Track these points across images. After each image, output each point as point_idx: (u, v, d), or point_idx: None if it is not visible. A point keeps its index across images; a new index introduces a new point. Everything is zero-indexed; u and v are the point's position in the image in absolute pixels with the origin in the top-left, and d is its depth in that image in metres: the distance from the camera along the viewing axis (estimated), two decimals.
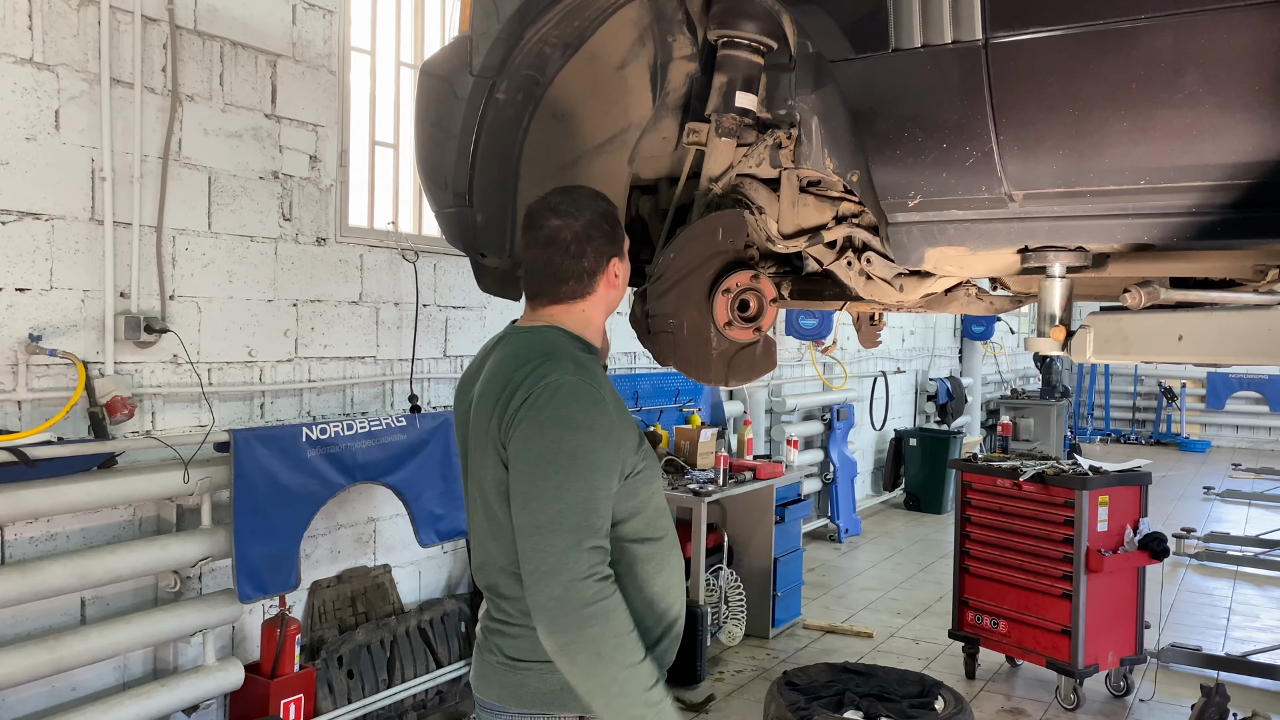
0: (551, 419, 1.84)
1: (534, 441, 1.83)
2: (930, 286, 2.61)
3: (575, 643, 1.75)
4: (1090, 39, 1.69)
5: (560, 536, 1.77)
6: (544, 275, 2.01)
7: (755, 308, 2.50)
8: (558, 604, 1.75)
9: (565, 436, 1.82)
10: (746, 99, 2.43)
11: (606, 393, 1.92)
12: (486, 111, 2.52)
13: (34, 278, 3.41)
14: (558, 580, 1.75)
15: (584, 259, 1.99)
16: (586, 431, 1.83)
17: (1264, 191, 1.63)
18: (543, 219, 1.99)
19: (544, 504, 1.79)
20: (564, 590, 1.75)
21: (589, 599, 1.74)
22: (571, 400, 1.85)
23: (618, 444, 1.88)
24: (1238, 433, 16.02)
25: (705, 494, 5.43)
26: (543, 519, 1.79)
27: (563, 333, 2.01)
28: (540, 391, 1.86)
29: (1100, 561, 4.81)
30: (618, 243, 2.05)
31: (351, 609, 4.57)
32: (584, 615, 1.74)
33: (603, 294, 2.04)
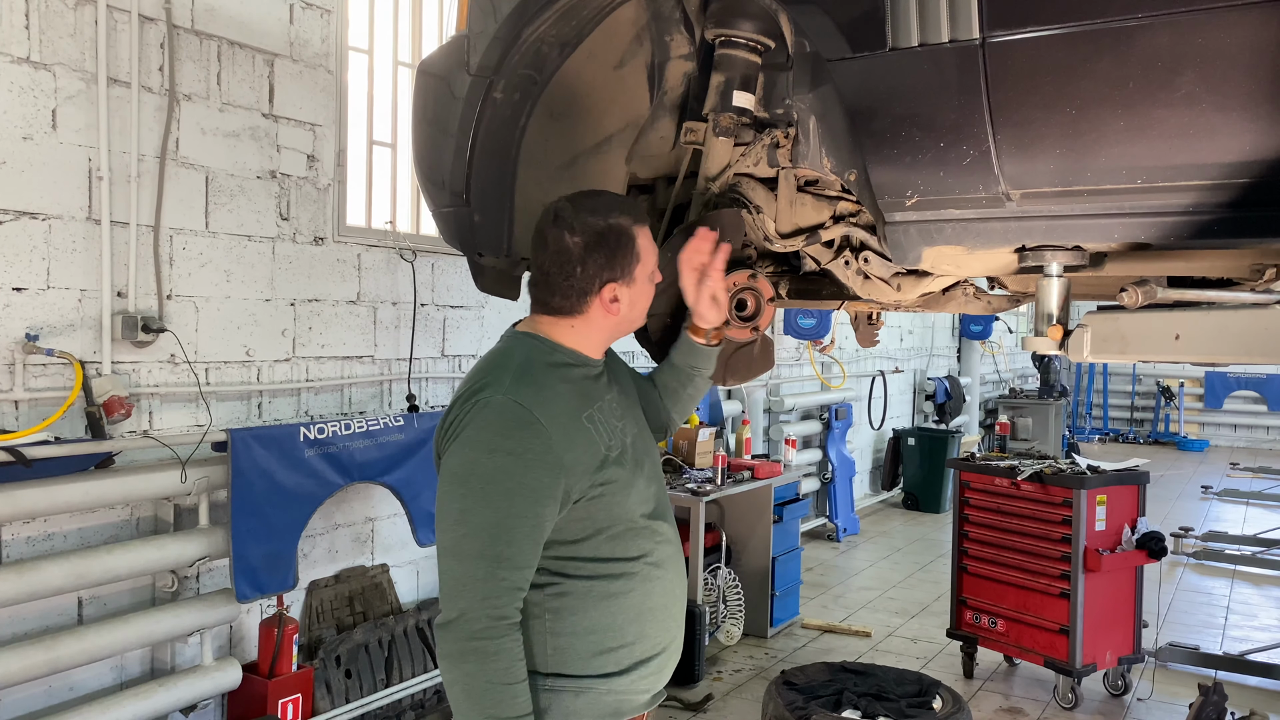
0: (469, 439, 1.76)
1: (451, 461, 1.77)
2: (928, 286, 2.61)
3: (450, 674, 1.71)
4: (1087, 38, 1.69)
5: (460, 563, 1.70)
6: (537, 281, 1.95)
7: (753, 307, 2.49)
8: (444, 630, 1.70)
9: (480, 460, 1.74)
10: (744, 98, 2.42)
11: (552, 412, 1.80)
12: (484, 111, 2.52)
13: (31, 277, 3.41)
14: (452, 606, 1.70)
15: (573, 278, 1.89)
16: (505, 455, 1.73)
17: (1261, 190, 1.63)
18: (546, 223, 1.91)
19: (448, 527, 1.73)
20: (455, 617, 1.69)
21: (475, 633, 1.68)
22: (493, 420, 1.76)
23: (553, 469, 1.76)
24: (1236, 432, 16.04)
25: (703, 493, 5.43)
26: (447, 542, 1.73)
27: (536, 342, 1.93)
28: (468, 409, 1.79)
29: (1098, 561, 4.81)
30: (619, 266, 1.91)
31: (349, 609, 4.57)
32: (464, 648, 1.68)
33: (598, 317, 1.93)
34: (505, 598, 1.71)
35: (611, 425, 1.93)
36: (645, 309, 2.04)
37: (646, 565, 1.92)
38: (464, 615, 1.68)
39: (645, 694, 1.95)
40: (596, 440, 1.87)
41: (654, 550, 1.94)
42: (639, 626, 1.90)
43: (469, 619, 1.68)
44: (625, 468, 1.90)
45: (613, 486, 1.87)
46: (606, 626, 1.87)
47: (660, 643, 1.96)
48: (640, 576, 1.91)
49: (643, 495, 1.94)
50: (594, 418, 1.89)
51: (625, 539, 1.90)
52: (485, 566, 1.70)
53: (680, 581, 2.02)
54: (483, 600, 1.69)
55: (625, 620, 1.88)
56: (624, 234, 1.92)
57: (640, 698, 1.94)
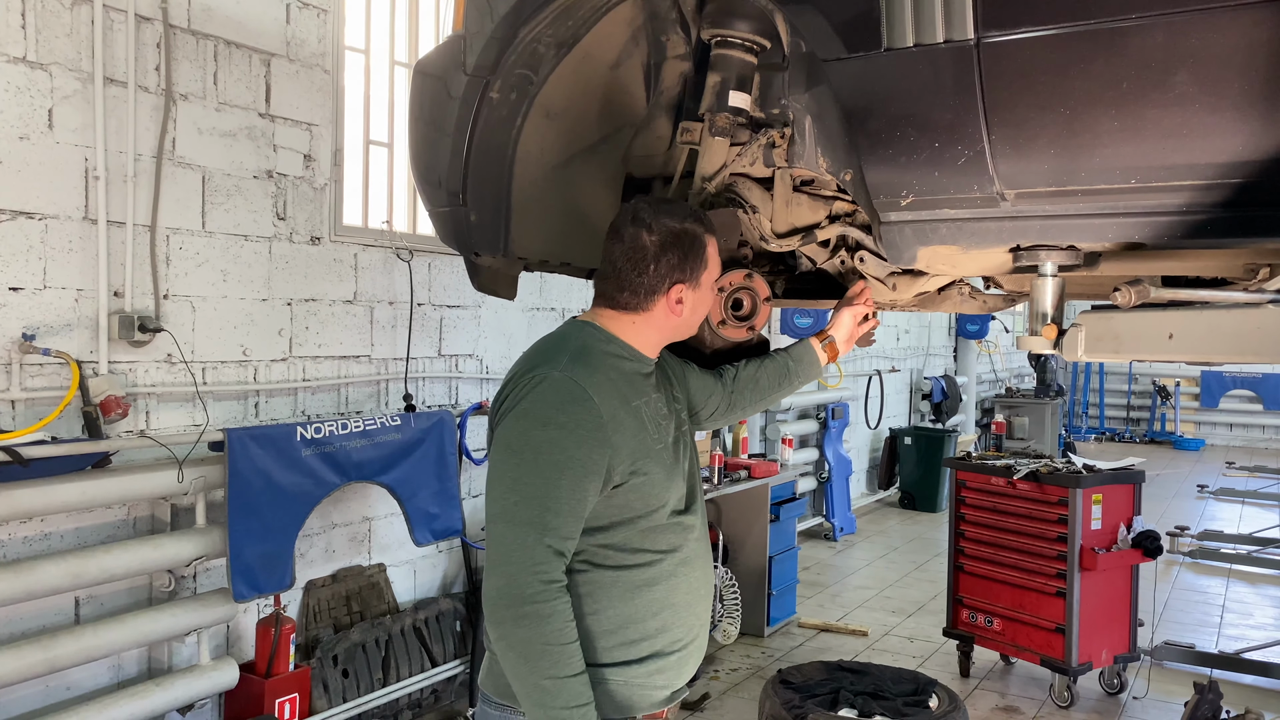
0: (525, 411, 1.83)
1: (506, 432, 1.85)
2: (923, 285, 2.62)
3: (505, 639, 1.75)
4: (1081, 38, 1.69)
5: (511, 529, 1.76)
6: (607, 276, 2.02)
7: (749, 306, 2.50)
8: (497, 596, 1.75)
9: (534, 430, 1.81)
10: (740, 98, 2.43)
11: (604, 393, 1.87)
12: (480, 110, 2.52)
13: (27, 277, 3.41)
14: (502, 571, 1.75)
15: (645, 275, 1.96)
16: (557, 429, 1.80)
17: (1254, 190, 1.64)
18: (623, 222, 1.99)
19: (501, 493, 1.79)
20: (505, 583, 1.74)
21: (527, 598, 1.72)
22: (549, 394, 1.83)
23: (602, 446, 1.83)
24: (1232, 431, 16.07)
25: None
26: (497, 509, 1.79)
27: (596, 330, 2.00)
28: (525, 384, 1.86)
29: (1094, 560, 4.83)
30: (689, 269, 1.99)
31: (346, 608, 4.57)
32: (519, 613, 1.73)
33: (661, 315, 2.00)
34: (553, 563, 1.76)
35: (658, 420, 2.00)
36: (703, 316, 2.12)
37: (675, 561, 1.97)
38: (514, 581, 1.73)
39: (663, 690, 1.98)
40: (644, 428, 1.94)
41: (684, 546, 2.00)
42: (661, 620, 1.94)
43: (520, 584, 1.73)
44: (664, 463, 1.96)
45: (649, 478, 1.92)
46: (629, 617, 1.91)
47: (681, 639, 1.99)
48: (668, 571, 1.95)
49: (679, 492, 2.00)
50: (641, 409, 1.96)
51: (656, 533, 1.95)
52: (534, 534, 1.75)
53: (707, 580, 2.07)
54: (532, 565, 1.73)
55: (649, 613, 1.93)
56: (697, 239, 2.00)
57: (657, 694, 1.97)
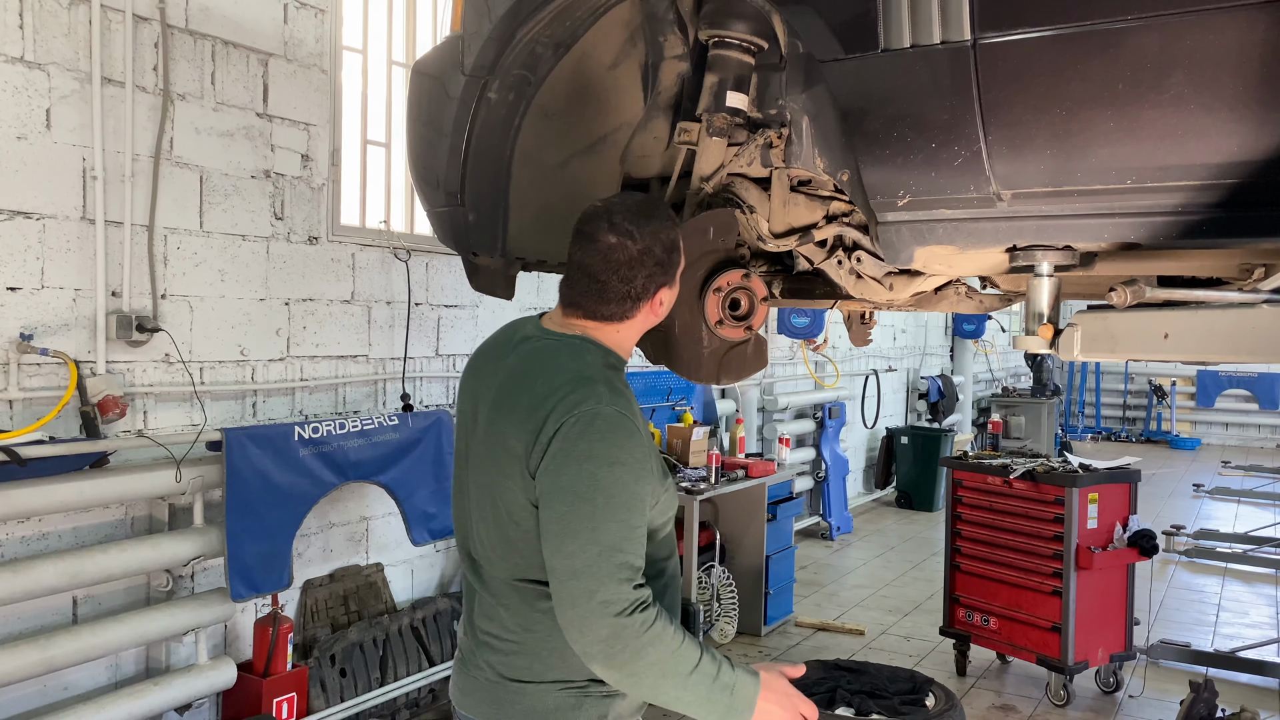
0: (587, 453, 1.75)
1: (567, 477, 1.75)
2: (920, 285, 2.63)
3: (636, 673, 1.72)
4: (1077, 40, 1.70)
5: (599, 581, 1.70)
6: (587, 290, 1.91)
7: (746, 306, 2.51)
8: (609, 643, 1.70)
9: (600, 473, 1.74)
10: (737, 99, 2.44)
11: (639, 420, 1.86)
12: (478, 111, 2.53)
13: (25, 277, 3.41)
14: (603, 623, 1.69)
15: (632, 284, 1.89)
16: (621, 466, 1.76)
17: (1249, 191, 1.65)
18: (598, 230, 1.88)
19: (580, 546, 1.72)
20: (612, 630, 1.69)
21: (639, 630, 1.70)
22: (607, 433, 1.77)
23: (650, 475, 1.82)
24: (1227, 430, 16.10)
25: (697, 492, 5.44)
26: (579, 563, 1.71)
27: (595, 346, 1.92)
28: (574, 421, 1.77)
29: (1090, 559, 4.84)
30: (671, 271, 1.94)
31: (344, 608, 4.58)
32: (638, 646, 1.70)
33: (642, 319, 1.96)
34: (641, 593, 1.73)
35: None
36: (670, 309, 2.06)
37: (671, 561, 2.01)
38: (620, 627, 1.69)
39: None
40: (654, 446, 1.92)
41: (674, 548, 2.03)
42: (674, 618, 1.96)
43: (625, 624, 1.69)
44: (666, 472, 1.96)
45: (669, 492, 1.93)
46: None
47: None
48: (669, 573, 1.99)
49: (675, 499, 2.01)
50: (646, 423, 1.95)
51: (667, 540, 1.97)
52: (625, 580, 1.71)
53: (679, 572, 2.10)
54: (631, 604, 1.70)
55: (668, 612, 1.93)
56: (674, 239, 1.94)
57: None
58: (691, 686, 1.73)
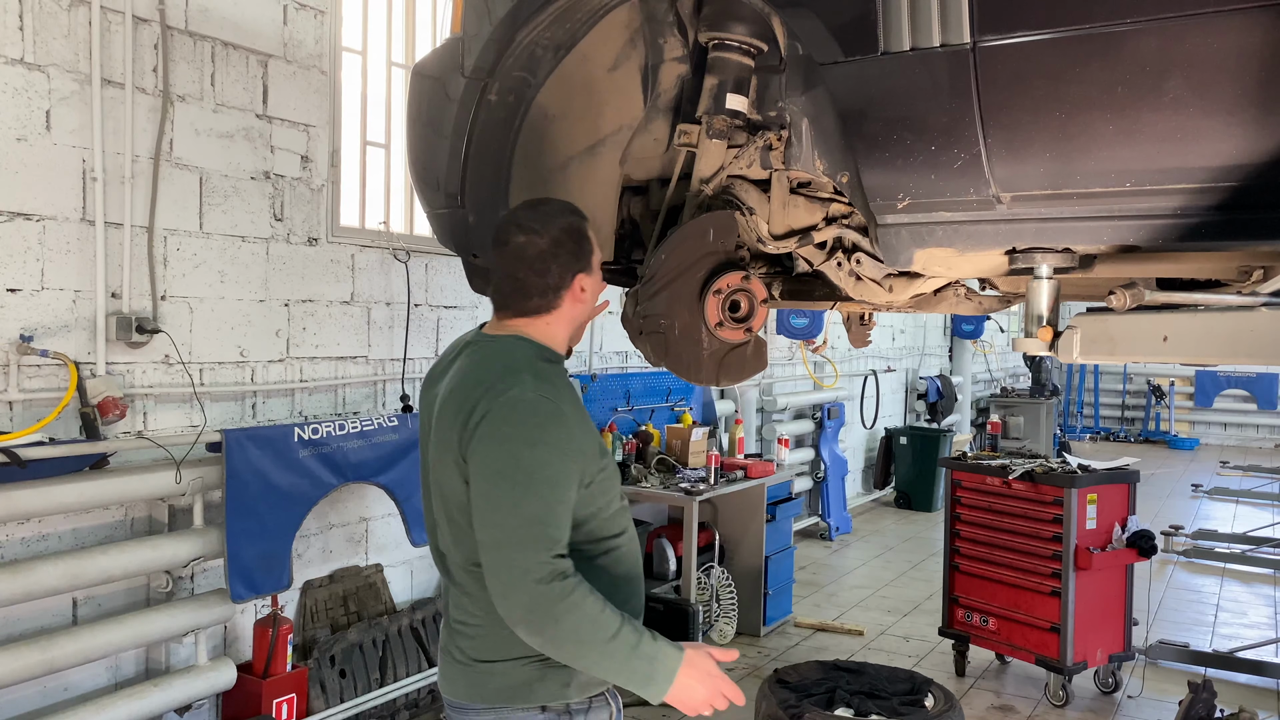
0: (509, 435, 1.88)
1: (492, 458, 1.88)
2: (919, 287, 2.64)
3: (555, 640, 1.83)
4: (1076, 43, 1.71)
5: (519, 551, 1.82)
6: (510, 290, 2.05)
7: (746, 308, 2.51)
8: (529, 610, 1.81)
9: (522, 453, 1.86)
10: (737, 101, 2.44)
11: (567, 404, 1.96)
12: (478, 113, 2.53)
13: (25, 278, 3.41)
14: (523, 590, 1.81)
15: (548, 276, 2.02)
16: (544, 446, 1.87)
17: (1247, 194, 1.66)
18: (509, 234, 2.03)
19: (502, 519, 1.84)
20: (531, 597, 1.80)
21: (556, 597, 1.80)
22: (529, 416, 1.89)
23: (578, 455, 1.92)
24: (1226, 430, 16.10)
25: (697, 493, 5.45)
26: (501, 535, 1.84)
27: (526, 343, 2.04)
28: (499, 407, 1.89)
29: (1089, 559, 4.84)
30: (584, 258, 2.06)
31: (344, 608, 4.58)
32: (556, 613, 1.80)
33: (567, 309, 2.07)
34: (561, 564, 1.84)
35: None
36: (598, 296, 2.17)
37: (627, 538, 2.10)
38: (538, 595, 1.80)
39: None
40: (593, 428, 2.05)
41: (628, 526, 2.12)
42: (625, 593, 2.05)
43: (544, 591, 1.80)
44: (609, 453, 2.09)
45: (607, 471, 2.03)
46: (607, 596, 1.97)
47: (639, 608, 2.12)
48: (625, 549, 2.09)
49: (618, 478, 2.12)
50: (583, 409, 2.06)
51: (614, 519, 2.06)
52: (542, 550, 1.82)
53: (640, 559, 2.18)
54: (550, 576, 1.81)
55: (619, 589, 2.03)
56: (581, 229, 2.07)
57: None
58: (610, 654, 1.83)
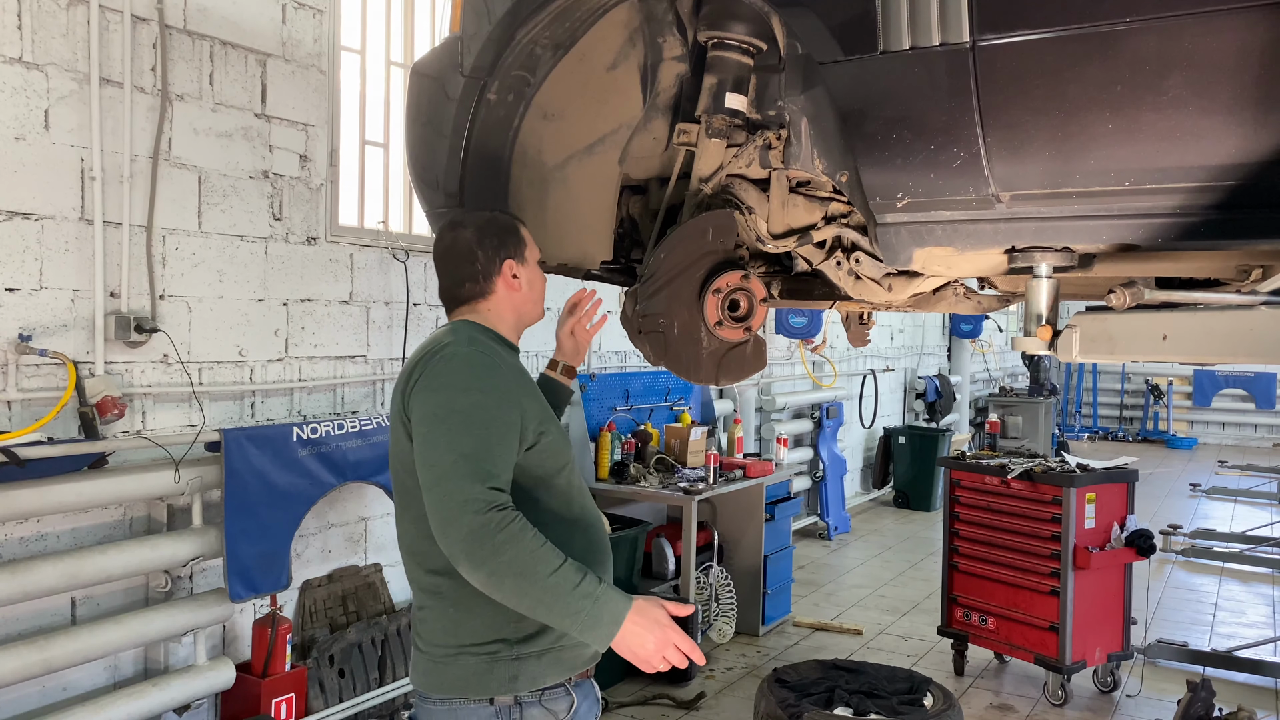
0: (444, 384, 1.98)
1: (429, 405, 1.97)
2: (918, 286, 2.63)
3: (495, 573, 1.84)
4: (1076, 42, 1.71)
5: (458, 484, 1.86)
6: (447, 284, 2.22)
7: (745, 307, 2.51)
8: (469, 541, 1.83)
9: (456, 398, 1.96)
10: (736, 100, 2.44)
11: (505, 364, 2.07)
12: (478, 112, 2.53)
13: (23, 278, 3.41)
14: (463, 521, 1.84)
15: (477, 262, 2.17)
16: (478, 393, 1.96)
17: (1246, 193, 1.66)
18: (441, 234, 2.23)
19: (439, 456, 1.90)
20: (470, 529, 1.83)
21: (495, 528, 1.83)
22: (462, 367, 1.99)
23: (515, 406, 2.00)
24: (1224, 430, 16.12)
25: (695, 492, 5.45)
26: (439, 472, 1.89)
27: (467, 324, 2.16)
28: (434, 363, 2.01)
29: (1087, 558, 4.84)
30: (510, 246, 2.20)
31: (343, 608, 4.58)
32: (496, 543, 1.82)
33: (504, 295, 2.20)
34: (501, 496, 1.89)
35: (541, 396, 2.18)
36: (541, 294, 2.29)
37: (584, 525, 2.14)
38: (477, 524, 1.83)
39: (589, 648, 2.07)
40: (539, 397, 2.14)
41: (586, 510, 2.17)
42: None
43: (482, 521, 1.83)
44: (559, 427, 2.17)
45: (553, 439, 2.09)
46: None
47: None
48: (581, 536, 2.11)
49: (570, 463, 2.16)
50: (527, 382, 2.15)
51: (564, 498, 2.11)
52: (479, 482, 1.87)
53: (608, 544, 2.23)
54: (487, 505, 1.85)
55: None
56: (508, 222, 2.24)
57: (585, 652, 2.09)
58: (552, 590, 1.83)
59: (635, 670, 5.28)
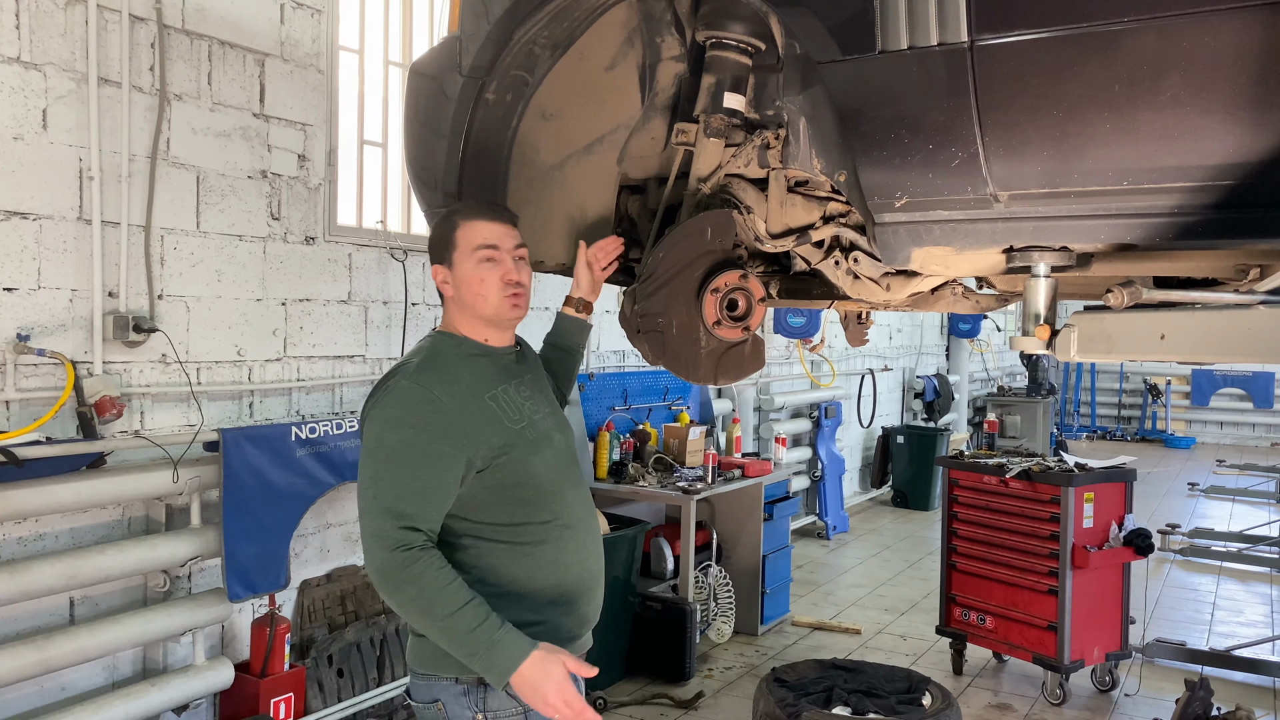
0: (379, 418, 2.09)
1: (366, 436, 2.10)
2: (917, 285, 2.63)
3: (402, 606, 2.01)
4: (1074, 41, 1.71)
5: (374, 519, 2.00)
6: None
7: (744, 307, 2.51)
8: (377, 574, 1.99)
9: (387, 433, 2.06)
10: (734, 99, 2.44)
11: (454, 392, 2.11)
12: (476, 111, 2.53)
13: (22, 277, 3.41)
14: (374, 554, 1.99)
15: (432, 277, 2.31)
16: (409, 429, 2.05)
17: (1245, 192, 1.66)
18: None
19: (363, 491, 2.04)
20: (380, 562, 1.98)
21: (399, 566, 1.96)
22: (399, 402, 2.08)
23: (457, 438, 2.07)
24: (1222, 429, 16.12)
25: (694, 492, 5.45)
26: (363, 504, 2.03)
27: (448, 338, 2.26)
28: (380, 394, 2.13)
29: (1086, 558, 4.85)
30: (435, 252, 2.28)
31: (341, 608, 4.58)
32: (399, 581, 1.97)
33: (448, 301, 2.29)
34: (411, 536, 2.00)
35: (518, 404, 2.23)
36: (483, 282, 2.23)
37: (557, 526, 2.20)
38: (385, 561, 1.97)
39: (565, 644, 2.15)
40: (499, 416, 2.17)
41: (564, 513, 2.23)
42: (554, 577, 2.19)
43: (390, 561, 1.97)
44: (528, 439, 2.19)
45: (512, 457, 2.14)
46: (523, 581, 2.16)
47: (574, 591, 2.22)
48: (554, 536, 2.20)
49: (549, 464, 2.23)
50: (498, 397, 2.19)
51: (535, 504, 2.18)
52: (390, 519, 1.99)
53: (594, 539, 2.31)
54: (395, 545, 1.98)
55: (541, 574, 2.17)
56: (438, 231, 2.30)
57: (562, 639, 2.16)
58: (448, 630, 1.97)
59: (635, 670, 5.30)
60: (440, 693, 2.14)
